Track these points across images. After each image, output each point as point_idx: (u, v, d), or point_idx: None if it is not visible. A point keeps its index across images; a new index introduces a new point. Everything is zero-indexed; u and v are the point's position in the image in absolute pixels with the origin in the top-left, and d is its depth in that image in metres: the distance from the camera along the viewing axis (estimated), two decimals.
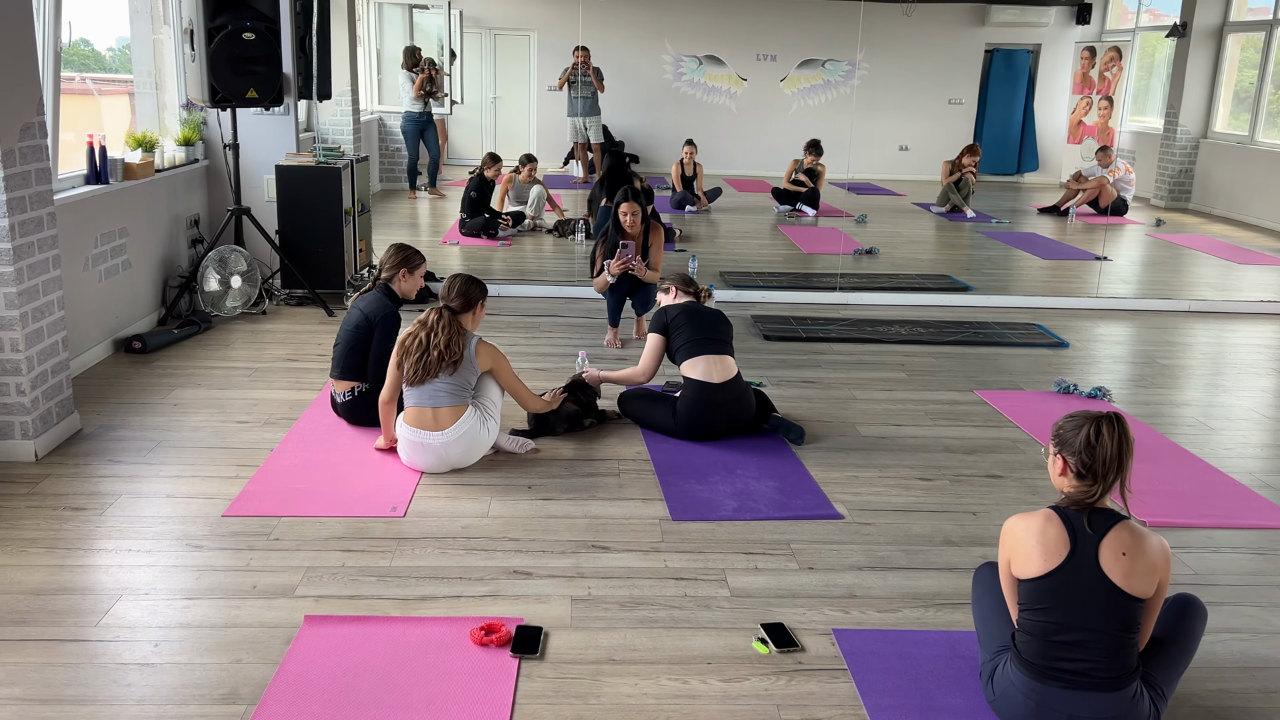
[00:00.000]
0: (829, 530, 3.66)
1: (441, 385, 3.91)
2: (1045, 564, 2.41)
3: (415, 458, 3.98)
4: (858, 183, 12.21)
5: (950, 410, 5.03)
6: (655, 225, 5.89)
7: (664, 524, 3.67)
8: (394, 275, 4.40)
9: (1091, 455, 2.43)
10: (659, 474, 4.10)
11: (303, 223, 6.55)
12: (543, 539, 3.51)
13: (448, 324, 3.95)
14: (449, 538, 3.50)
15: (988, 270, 8.89)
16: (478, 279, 4.11)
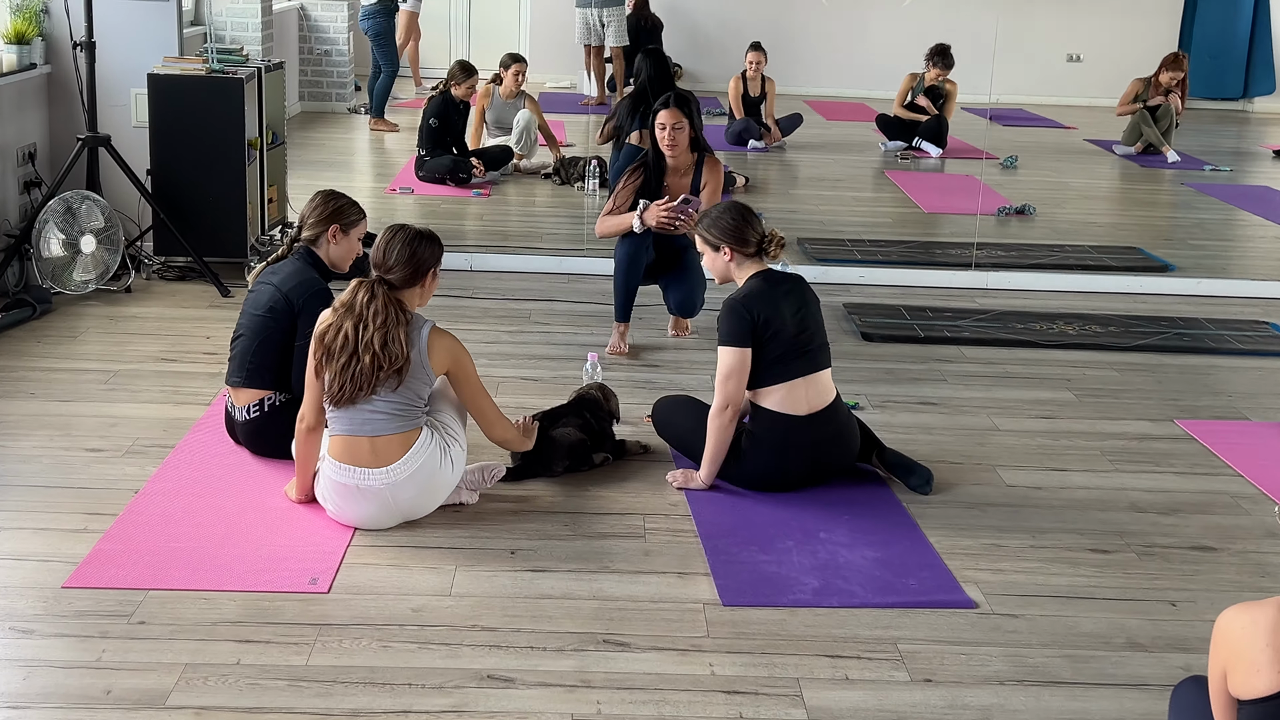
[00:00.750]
0: (956, 625, 3.64)
1: (380, 404, 3.91)
2: (1277, 679, 2.39)
3: (347, 507, 4.00)
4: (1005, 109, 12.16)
5: (1139, 449, 5.00)
6: (712, 161, 5.86)
7: (711, 610, 3.66)
8: (319, 235, 4.44)
9: None
10: (704, 536, 4.10)
11: (187, 160, 6.61)
12: (531, 630, 3.51)
13: (383, 308, 3.90)
14: (393, 625, 3.50)
15: (1198, 242, 8.84)
16: (429, 234, 4.05)
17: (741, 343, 4.33)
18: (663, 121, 5.64)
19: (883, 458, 4.55)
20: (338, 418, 3.96)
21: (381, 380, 3.87)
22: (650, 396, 5.31)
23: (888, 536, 4.15)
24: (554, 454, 4.48)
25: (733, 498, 4.39)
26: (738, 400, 4.35)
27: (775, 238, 4.46)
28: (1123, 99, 11.66)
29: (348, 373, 3.87)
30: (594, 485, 4.46)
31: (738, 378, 4.34)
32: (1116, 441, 5.05)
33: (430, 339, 3.97)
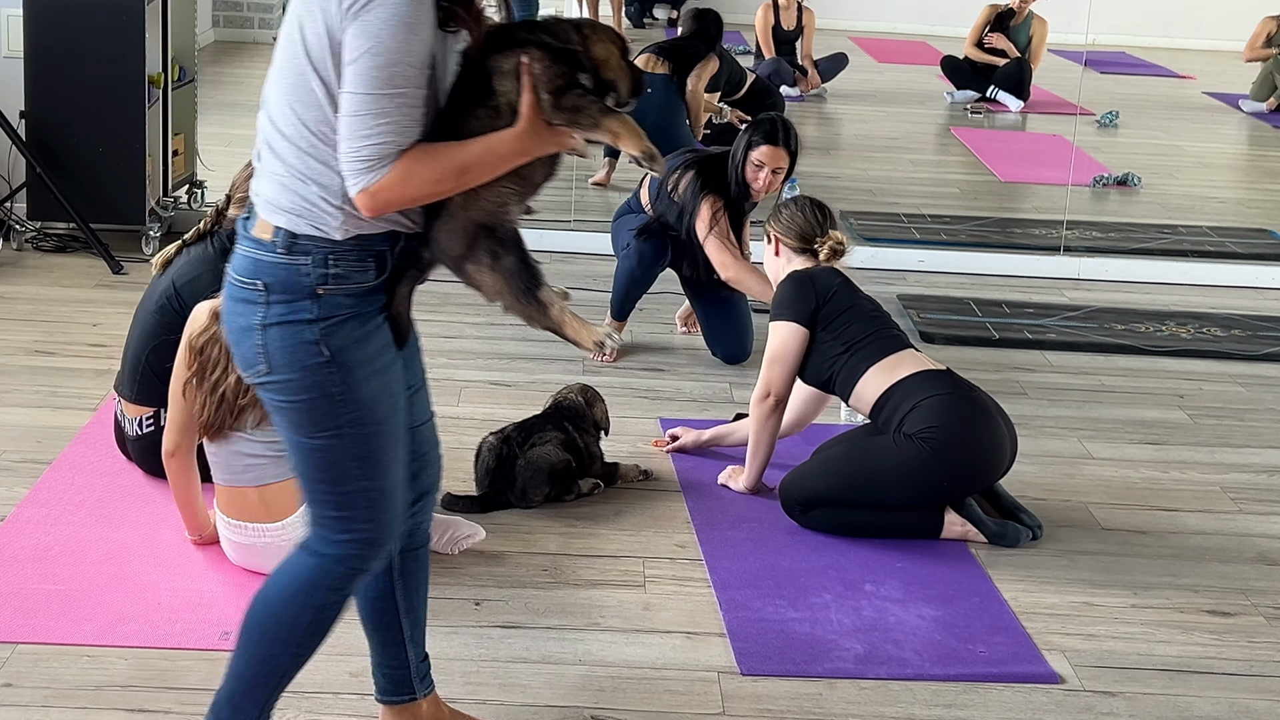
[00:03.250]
0: (1037, 704, 3.65)
1: (257, 446, 3.87)
2: None
3: (248, 560, 4.01)
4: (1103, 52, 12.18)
5: (1271, 486, 5.03)
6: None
7: (727, 680, 3.67)
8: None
9: None
10: (718, 587, 4.11)
11: (71, 100, 6.61)
12: (500, 702, 3.52)
13: None
14: (326, 694, 3.50)
15: None
16: None
17: (800, 319, 4.55)
18: (761, 160, 5.59)
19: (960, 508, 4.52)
20: (216, 464, 3.96)
21: (246, 408, 3.81)
22: (653, 409, 5.34)
23: (951, 590, 4.16)
24: (531, 480, 4.49)
25: (755, 538, 4.41)
26: (781, 390, 4.55)
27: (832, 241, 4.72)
28: (1251, 41, 11.67)
29: (215, 394, 3.85)
30: (581, 520, 4.47)
31: (785, 363, 4.54)
32: (1241, 475, 5.07)
33: None
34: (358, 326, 2.75)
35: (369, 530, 2.86)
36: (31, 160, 6.53)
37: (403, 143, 2.64)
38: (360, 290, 2.75)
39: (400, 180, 2.65)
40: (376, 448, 2.82)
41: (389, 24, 2.58)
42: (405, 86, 2.63)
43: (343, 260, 2.72)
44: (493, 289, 2.89)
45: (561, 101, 2.74)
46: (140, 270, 6.41)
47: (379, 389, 2.80)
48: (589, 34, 2.82)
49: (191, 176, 7.43)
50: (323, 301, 2.72)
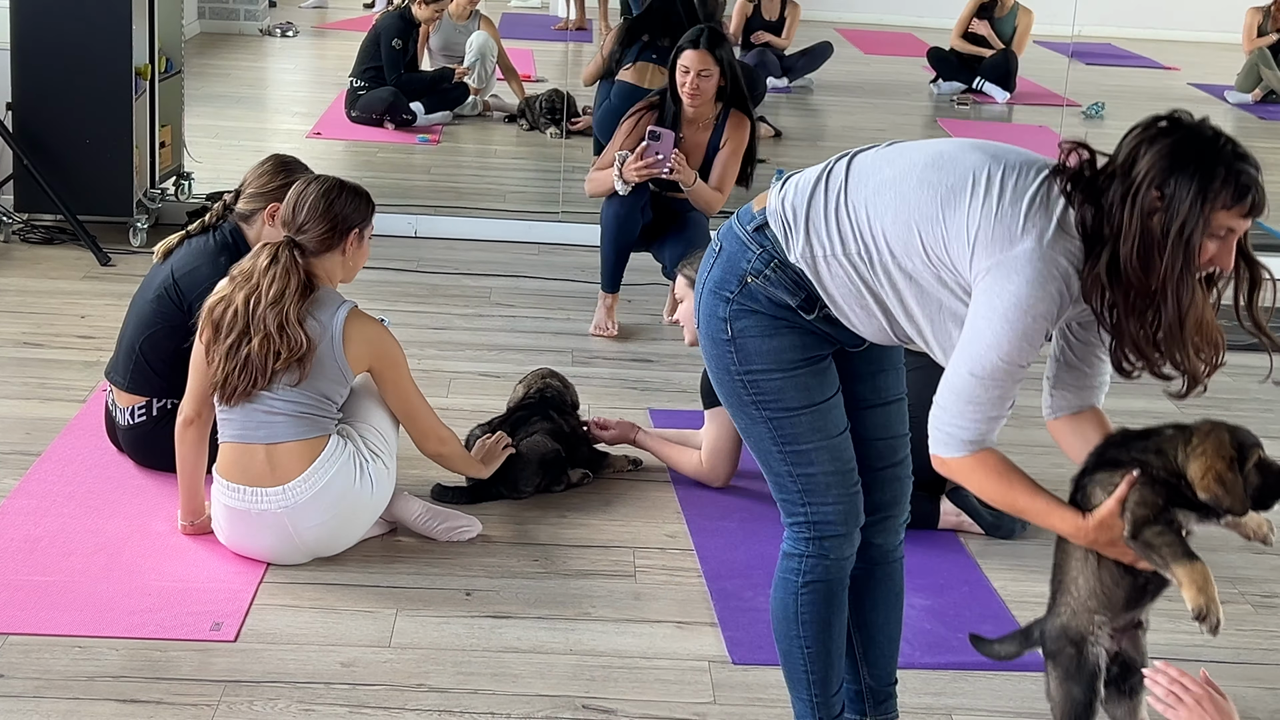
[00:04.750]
0: (1026, 692, 3.65)
1: (280, 403, 3.91)
2: None
3: (241, 536, 4.01)
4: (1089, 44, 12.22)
5: None
6: (738, 118, 5.91)
7: (718, 670, 3.68)
8: (255, 213, 4.40)
9: None
10: (708, 576, 4.12)
11: (59, 91, 6.59)
12: (491, 692, 3.52)
13: (282, 276, 3.86)
14: (318, 683, 3.50)
15: None
16: (349, 188, 4.02)
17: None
18: (687, 65, 5.70)
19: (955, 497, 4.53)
20: (228, 420, 3.95)
21: (278, 371, 3.85)
22: (641, 399, 5.35)
23: (942, 580, 4.18)
24: (522, 470, 4.49)
25: (746, 528, 4.43)
26: (725, 467, 4.64)
27: None
28: (1245, 33, 11.70)
29: (235, 358, 3.85)
30: (571, 510, 4.48)
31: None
32: None
33: (348, 325, 3.92)
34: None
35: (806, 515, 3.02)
36: (18, 152, 6.52)
37: (985, 431, 2.75)
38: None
39: (967, 472, 2.80)
40: (793, 435, 2.95)
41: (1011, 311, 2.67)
42: (1005, 382, 2.70)
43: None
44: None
45: (1141, 534, 2.77)
46: (128, 261, 6.41)
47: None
48: (1195, 446, 2.80)
49: (179, 168, 7.41)
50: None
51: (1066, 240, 2.67)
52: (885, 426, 3.12)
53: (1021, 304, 2.65)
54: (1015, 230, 2.68)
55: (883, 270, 2.82)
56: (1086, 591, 2.94)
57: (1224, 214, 2.59)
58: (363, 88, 9.23)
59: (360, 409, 4.07)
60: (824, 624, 3.06)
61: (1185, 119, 2.67)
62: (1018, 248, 2.67)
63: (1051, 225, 2.67)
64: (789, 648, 3.10)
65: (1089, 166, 2.69)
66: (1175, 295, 2.62)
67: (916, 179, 2.80)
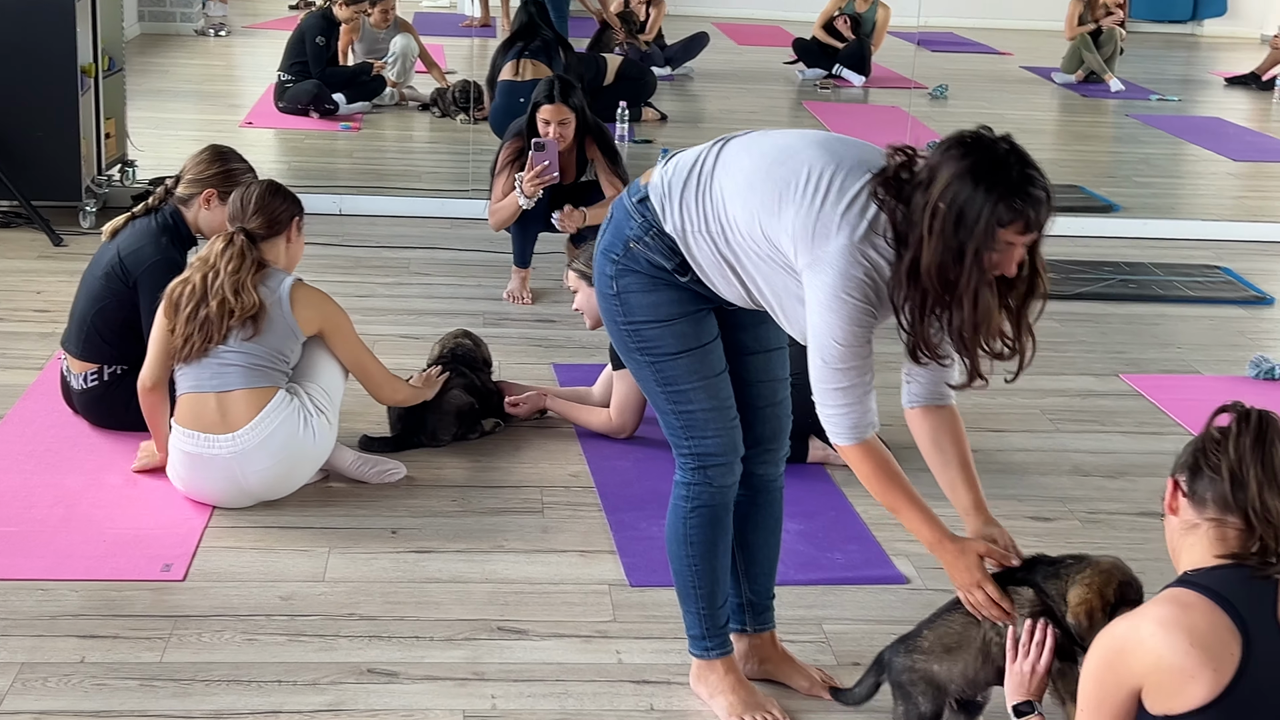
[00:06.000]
0: (886, 603, 3.74)
1: (233, 356, 3.96)
2: (1217, 677, 2.34)
3: (194, 480, 4.03)
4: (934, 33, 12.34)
5: (1082, 406, 5.15)
6: (590, 145, 5.93)
7: (617, 592, 3.75)
8: (192, 197, 4.41)
9: (1221, 471, 2.42)
10: (609, 510, 4.18)
11: (10, 89, 6.50)
12: (416, 618, 3.56)
13: (239, 255, 3.98)
14: (260, 615, 3.53)
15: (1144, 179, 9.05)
16: (283, 188, 4.17)
17: None
18: (547, 117, 5.73)
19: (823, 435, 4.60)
20: (184, 374, 4.00)
21: (233, 327, 3.92)
22: (546, 355, 5.39)
23: (811, 507, 4.23)
24: (439, 421, 4.53)
25: (642, 464, 4.47)
26: (633, 425, 4.64)
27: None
28: (1068, 21, 11.86)
29: (194, 321, 3.92)
30: (485, 455, 4.52)
31: (635, 394, 4.55)
32: (1057, 399, 5.19)
33: (294, 292, 4.02)
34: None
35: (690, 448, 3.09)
36: None
37: (860, 415, 2.86)
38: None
39: (856, 462, 2.93)
40: (673, 377, 3.03)
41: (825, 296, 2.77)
42: (853, 362, 2.79)
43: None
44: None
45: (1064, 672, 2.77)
46: (79, 242, 6.36)
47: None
48: (1087, 576, 2.80)
49: (123, 157, 7.34)
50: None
51: (877, 239, 2.73)
52: (766, 370, 3.19)
53: (836, 292, 2.73)
54: (831, 228, 2.75)
55: (739, 249, 2.89)
56: (958, 672, 2.95)
57: (1008, 232, 2.64)
58: (289, 81, 9.19)
59: (309, 370, 4.10)
60: (710, 544, 3.14)
61: (986, 137, 2.70)
62: (830, 245, 2.74)
63: (864, 225, 2.73)
64: (680, 567, 3.17)
65: (906, 170, 2.73)
66: (970, 302, 2.67)
67: (764, 173, 2.86)
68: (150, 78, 9.76)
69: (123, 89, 7.40)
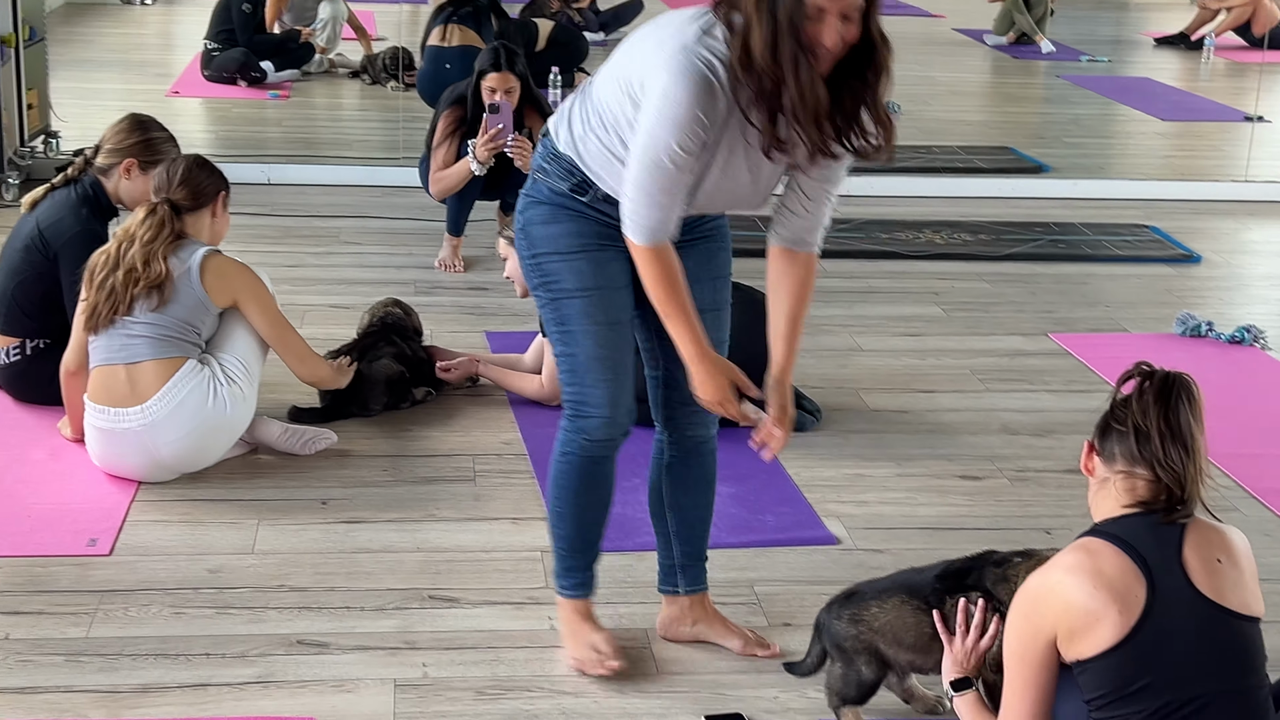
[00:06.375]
0: (817, 563, 3.72)
1: (139, 326, 3.87)
2: (1124, 618, 2.43)
3: (110, 455, 3.96)
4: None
5: (1011, 366, 5.14)
6: (531, 113, 5.83)
7: (549, 558, 3.65)
8: (112, 167, 4.30)
9: (1128, 428, 2.52)
10: (540, 477, 4.11)
11: None
12: (346, 588, 3.51)
13: (158, 225, 3.89)
14: (187, 589, 3.47)
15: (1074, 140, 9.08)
16: (210, 163, 4.11)
17: None
18: (492, 86, 5.65)
19: None
20: (95, 347, 3.93)
21: (137, 296, 3.84)
22: (479, 323, 5.35)
23: (743, 470, 4.18)
24: (370, 390, 4.45)
25: None
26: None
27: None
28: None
29: (102, 290, 3.86)
30: (415, 425, 4.46)
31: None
32: (987, 359, 5.19)
33: (205, 261, 3.93)
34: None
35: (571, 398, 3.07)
36: None
37: (658, 221, 2.82)
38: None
39: (645, 263, 2.87)
40: (565, 316, 3.00)
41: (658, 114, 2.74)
42: (667, 170, 2.75)
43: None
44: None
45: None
46: (2, 215, 6.20)
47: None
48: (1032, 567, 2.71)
49: (46, 128, 7.22)
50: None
51: (712, 41, 2.73)
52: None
53: (667, 95, 2.72)
54: (671, 42, 2.75)
55: (614, 129, 2.86)
56: (885, 623, 2.93)
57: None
58: (216, 49, 9.05)
59: (224, 341, 4.02)
60: (572, 493, 3.13)
61: None
62: (666, 52, 2.74)
63: (697, 30, 2.75)
64: (548, 504, 3.21)
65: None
66: (793, 76, 2.65)
67: (627, 44, 2.91)
68: (74, 47, 9.65)
69: (44, 59, 7.29)
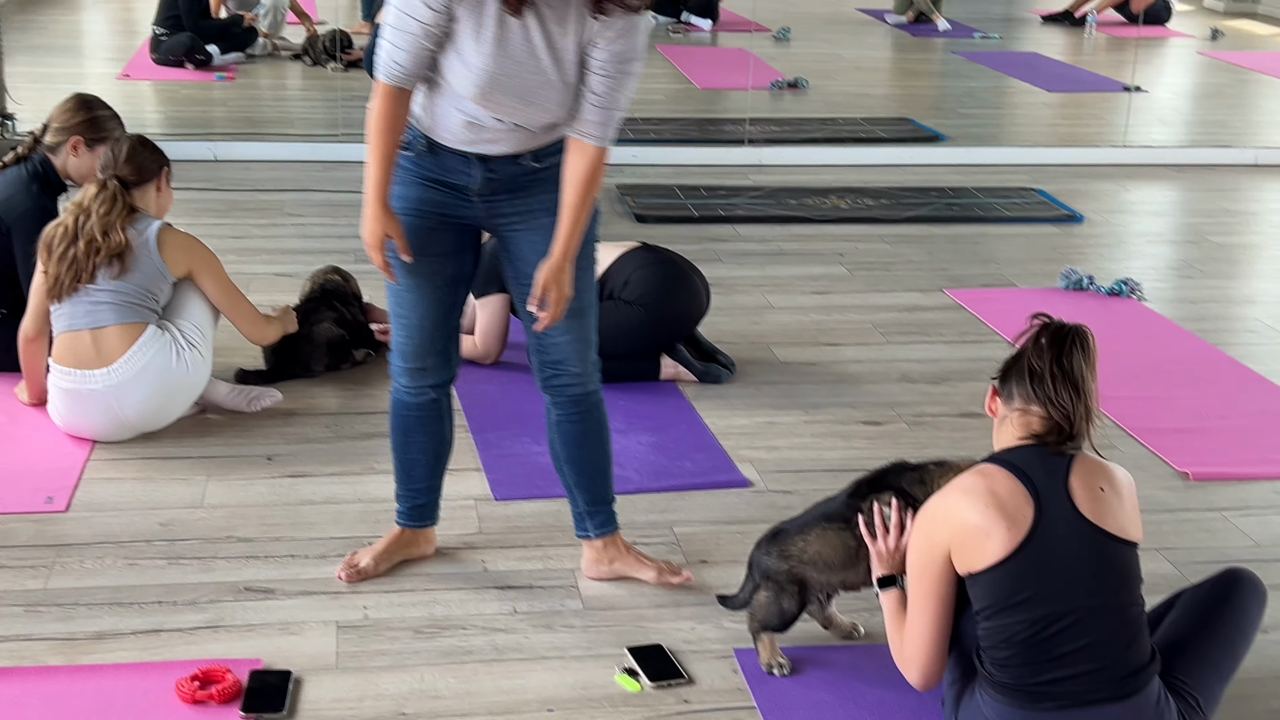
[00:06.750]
0: (731, 505, 3.74)
1: (103, 294, 3.84)
2: (1011, 535, 2.52)
3: (74, 415, 3.91)
4: None
5: (910, 320, 5.18)
6: None
7: (483, 506, 3.69)
8: (60, 145, 4.23)
9: (1024, 370, 2.61)
10: (474, 430, 4.11)
11: None
12: (292, 538, 3.49)
13: (111, 199, 3.88)
14: (140, 541, 3.44)
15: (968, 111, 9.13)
16: (151, 142, 4.07)
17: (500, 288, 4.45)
18: None
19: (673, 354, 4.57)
20: (59, 314, 3.89)
21: (99, 265, 3.82)
22: None
23: (664, 421, 4.22)
24: (311, 352, 4.42)
25: (506, 388, 4.41)
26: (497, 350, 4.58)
27: None
28: None
29: (64, 261, 3.83)
30: (355, 384, 4.43)
31: (499, 328, 4.53)
32: (887, 314, 5.23)
33: (160, 234, 3.93)
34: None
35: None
36: None
37: (387, 64, 2.83)
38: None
39: (372, 99, 2.89)
40: (393, 275, 3.04)
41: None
42: (401, 27, 2.78)
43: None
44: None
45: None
46: None
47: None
48: (949, 475, 2.78)
49: (2, 110, 7.08)
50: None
51: None
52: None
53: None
54: None
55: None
56: (813, 553, 2.94)
57: None
58: (164, 34, 8.91)
59: (180, 308, 3.99)
60: (395, 433, 3.30)
61: None
62: None
63: None
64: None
65: None
66: None
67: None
68: (29, 34, 9.48)
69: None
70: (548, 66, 2.83)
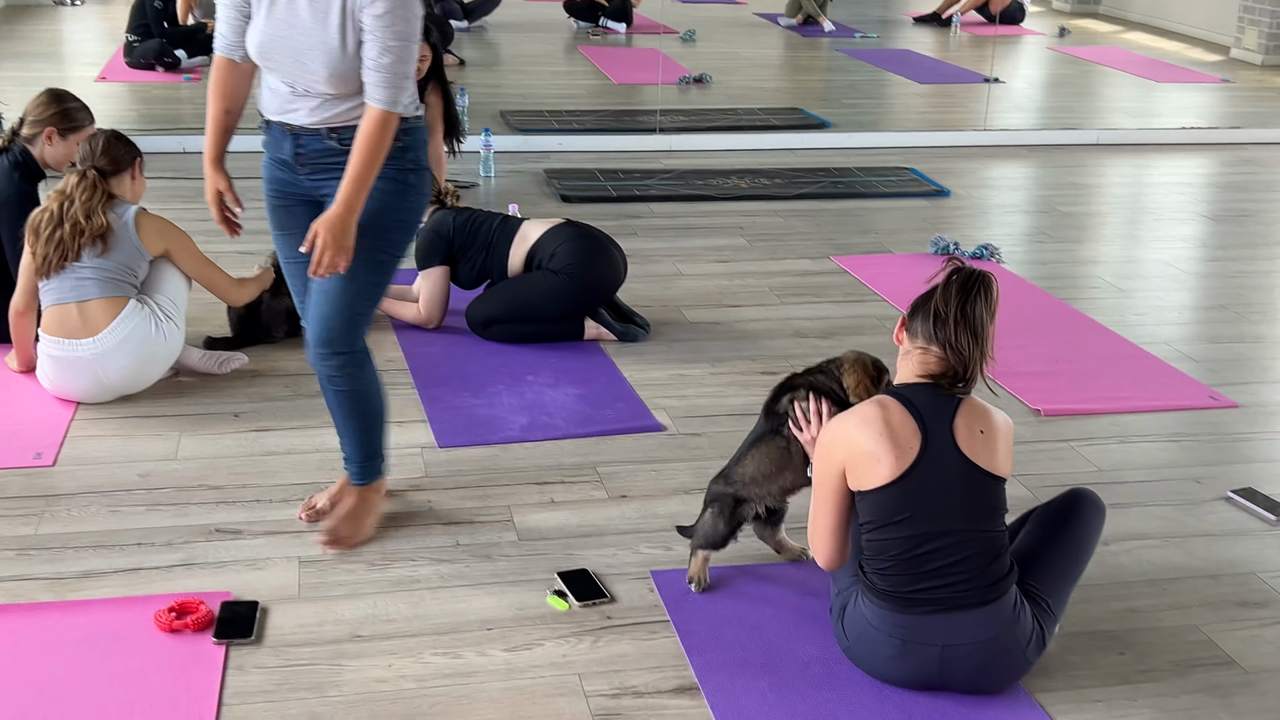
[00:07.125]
0: (647, 446, 3.75)
1: (87, 271, 3.78)
2: (898, 462, 2.55)
3: (62, 380, 3.84)
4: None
5: (801, 283, 5.19)
6: (434, 86, 5.47)
7: (428, 453, 3.67)
8: (36, 135, 4.13)
9: (930, 312, 2.61)
10: (419, 386, 4.08)
11: None
12: (257, 484, 3.46)
13: (92, 187, 3.83)
14: (121, 491, 3.40)
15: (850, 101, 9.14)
16: (125, 136, 3.99)
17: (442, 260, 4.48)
18: None
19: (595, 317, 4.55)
20: (48, 289, 3.82)
21: (84, 245, 3.77)
22: None
23: (588, 375, 4.21)
24: (273, 321, 4.35)
25: (448, 349, 4.37)
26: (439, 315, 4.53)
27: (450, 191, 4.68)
28: None
29: (51, 242, 3.77)
30: None
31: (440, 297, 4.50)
32: (782, 279, 5.23)
33: (137, 218, 3.88)
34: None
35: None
36: None
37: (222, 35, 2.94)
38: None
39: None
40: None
41: None
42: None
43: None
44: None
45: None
46: None
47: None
48: (849, 367, 2.88)
49: None
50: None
51: None
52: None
53: None
54: None
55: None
56: (752, 471, 2.95)
57: None
58: (136, 41, 8.70)
59: (156, 283, 3.93)
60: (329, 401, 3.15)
61: None
62: None
63: None
64: None
65: None
66: None
67: None
68: (15, 43, 9.25)
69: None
70: (314, 28, 2.81)
